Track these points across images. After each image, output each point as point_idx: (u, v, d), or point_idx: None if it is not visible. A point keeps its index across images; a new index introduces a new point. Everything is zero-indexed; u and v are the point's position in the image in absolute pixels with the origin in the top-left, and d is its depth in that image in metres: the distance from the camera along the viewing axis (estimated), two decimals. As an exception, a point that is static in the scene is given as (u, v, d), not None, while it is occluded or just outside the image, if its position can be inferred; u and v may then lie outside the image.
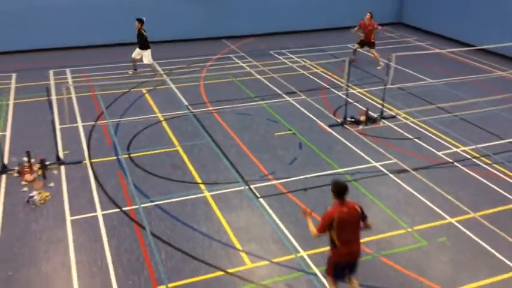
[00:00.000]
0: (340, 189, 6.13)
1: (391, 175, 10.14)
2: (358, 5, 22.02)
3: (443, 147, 11.36)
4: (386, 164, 10.57)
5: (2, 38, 17.72)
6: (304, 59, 17.52)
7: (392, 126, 12.46)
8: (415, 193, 9.51)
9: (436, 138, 11.82)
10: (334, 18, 22.10)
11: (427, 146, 11.41)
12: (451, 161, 10.78)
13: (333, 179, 6.39)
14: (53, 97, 13.15)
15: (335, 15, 22.05)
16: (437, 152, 11.13)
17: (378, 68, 16.67)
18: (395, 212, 8.93)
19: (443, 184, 9.80)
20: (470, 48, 17.70)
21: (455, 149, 11.30)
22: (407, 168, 10.38)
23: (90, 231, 8.25)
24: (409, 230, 8.44)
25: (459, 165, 10.59)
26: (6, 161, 10.29)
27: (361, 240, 6.39)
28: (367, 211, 8.72)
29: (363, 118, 12.52)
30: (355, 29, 17.11)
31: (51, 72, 15.09)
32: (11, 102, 13.66)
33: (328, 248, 6.43)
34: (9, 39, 17.82)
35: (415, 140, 11.74)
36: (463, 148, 11.34)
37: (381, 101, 13.11)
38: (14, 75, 15.67)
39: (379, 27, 17.05)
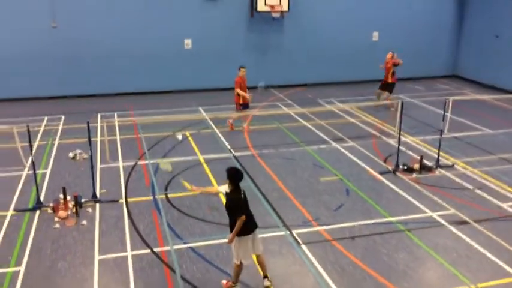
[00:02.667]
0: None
1: (450, 226, 9.12)
2: (410, 57, 21.66)
3: (508, 199, 10.26)
4: (444, 214, 9.58)
5: (51, 83, 18.28)
6: (353, 108, 16.93)
7: (450, 175, 11.48)
8: (478, 247, 8.44)
9: (499, 189, 10.73)
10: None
11: (490, 198, 10.33)
12: (518, 213, 9.67)
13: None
14: (98, 138, 13.18)
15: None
16: (501, 204, 10.04)
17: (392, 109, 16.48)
18: (455, 266, 7.89)
19: (509, 238, 8.69)
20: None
21: (522, 201, 10.18)
22: (468, 220, 9.34)
23: (117, 272, 7.69)
24: (472, 287, 7.37)
25: (528, 219, 9.46)
26: (42, 197, 10.07)
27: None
28: (421, 264, 7.86)
29: (416, 166, 11.64)
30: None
31: (99, 115, 15.29)
32: (56, 142, 13.69)
33: None
34: (59, 84, 18.38)
35: (476, 190, 10.69)
36: (531, 200, 10.21)
37: (435, 150, 12.21)
38: (62, 118, 15.89)
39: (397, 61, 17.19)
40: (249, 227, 6.98)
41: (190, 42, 19.31)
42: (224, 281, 7.36)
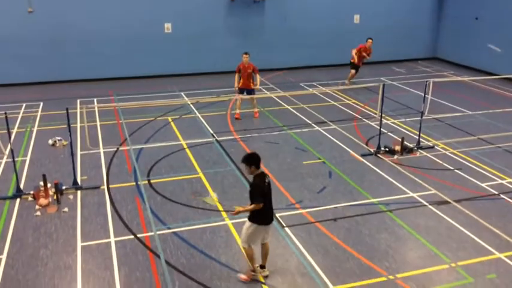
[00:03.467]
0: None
1: (431, 206, 9.26)
2: (391, 40, 21.71)
3: (488, 179, 10.43)
4: (425, 195, 9.71)
5: (29, 69, 17.92)
6: (335, 91, 16.97)
7: (431, 156, 11.62)
8: (458, 226, 8.59)
9: (478, 169, 10.90)
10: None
11: (470, 177, 10.50)
12: (496, 192, 9.84)
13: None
14: (77, 124, 13.00)
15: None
16: (481, 184, 10.20)
17: (346, 82, 17.83)
18: (436, 245, 8.02)
19: (489, 217, 8.87)
20: (508, 77, 16.86)
21: (500, 181, 10.35)
22: (449, 200, 9.48)
23: (101, 258, 7.64)
24: (453, 265, 7.51)
25: (506, 197, 9.63)
26: (22, 185, 9.92)
27: (399, 275, 5.82)
28: (403, 244, 7.97)
29: (398, 148, 11.74)
30: (355, 51, 17.77)
31: (78, 101, 15.08)
32: (35, 129, 13.47)
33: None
34: (37, 70, 18.04)
35: (456, 171, 10.85)
36: (509, 180, 10.39)
37: (416, 132, 12.33)
38: (41, 104, 15.62)
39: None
40: (266, 218, 6.86)
41: (171, 26, 19.07)
42: (242, 275, 7.11)
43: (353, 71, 17.84)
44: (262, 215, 6.79)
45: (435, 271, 7.37)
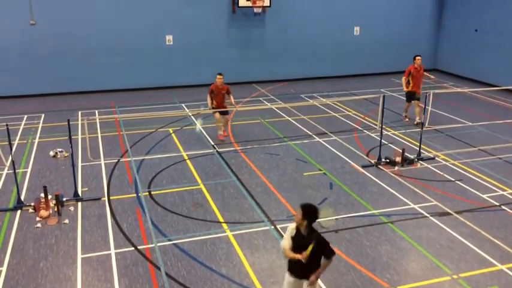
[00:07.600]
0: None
1: (432, 218, 9.24)
2: (391, 52, 21.82)
3: (489, 190, 10.41)
4: (426, 206, 9.69)
5: (31, 81, 18.00)
6: (335, 102, 17.01)
7: (431, 167, 11.61)
8: (460, 237, 8.56)
9: (479, 180, 10.89)
10: (367, 65, 21.80)
11: (470, 189, 10.48)
12: (497, 204, 9.82)
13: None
14: (79, 136, 13.03)
15: (367, 61, 21.76)
16: (481, 195, 10.18)
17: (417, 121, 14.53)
18: (437, 257, 7.99)
19: (490, 228, 8.84)
20: (508, 88, 16.89)
21: (501, 192, 10.34)
22: (450, 211, 9.46)
23: (101, 270, 7.61)
24: (454, 277, 7.48)
25: (507, 209, 9.61)
26: (22, 197, 9.92)
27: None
28: (405, 255, 7.93)
29: (398, 159, 11.74)
30: (403, 78, 14.94)
31: (79, 112, 15.11)
32: (36, 140, 13.49)
33: None
34: (38, 82, 18.12)
35: (457, 182, 10.83)
36: (510, 191, 10.37)
37: (417, 143, 12.34)
38: (42, 116, 15.66)
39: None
40: (296, 269, 5.85)
41: (172, 38, 19.18)
42: None
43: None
44: (291, 262, 5.89)
45: (437, 283, 7.34)
